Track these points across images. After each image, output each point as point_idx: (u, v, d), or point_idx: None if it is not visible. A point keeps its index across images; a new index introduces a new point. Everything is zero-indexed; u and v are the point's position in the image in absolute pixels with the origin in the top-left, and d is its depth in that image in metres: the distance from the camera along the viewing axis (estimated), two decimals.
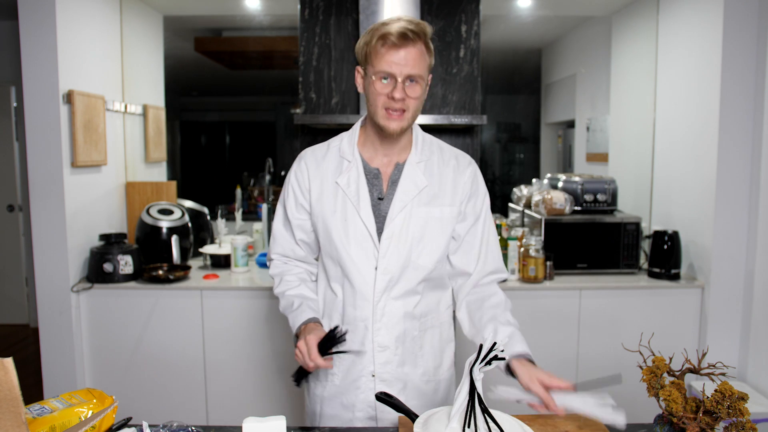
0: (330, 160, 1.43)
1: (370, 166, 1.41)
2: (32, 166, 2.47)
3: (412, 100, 1.32)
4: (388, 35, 1.27)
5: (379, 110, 1.32)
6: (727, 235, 2.54)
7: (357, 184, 1.39)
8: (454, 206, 1.42)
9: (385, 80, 1.30)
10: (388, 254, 1.37)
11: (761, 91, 2.44)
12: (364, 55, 1.34)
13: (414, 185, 1.39)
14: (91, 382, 2.60)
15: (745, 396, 0.97)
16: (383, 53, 1.28)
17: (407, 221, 1.37)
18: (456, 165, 1.45)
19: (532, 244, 2.63)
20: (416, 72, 1.29)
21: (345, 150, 1.43)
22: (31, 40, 2.41)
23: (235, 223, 3.26)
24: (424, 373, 1.46)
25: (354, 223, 1.37)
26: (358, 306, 1.39)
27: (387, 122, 1.33)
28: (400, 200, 1.37)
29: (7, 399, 0.89)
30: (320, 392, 1.47)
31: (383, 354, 1.40)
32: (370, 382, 1.41)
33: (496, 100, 4.80)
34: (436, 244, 1.40)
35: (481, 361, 1.08)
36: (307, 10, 3.00)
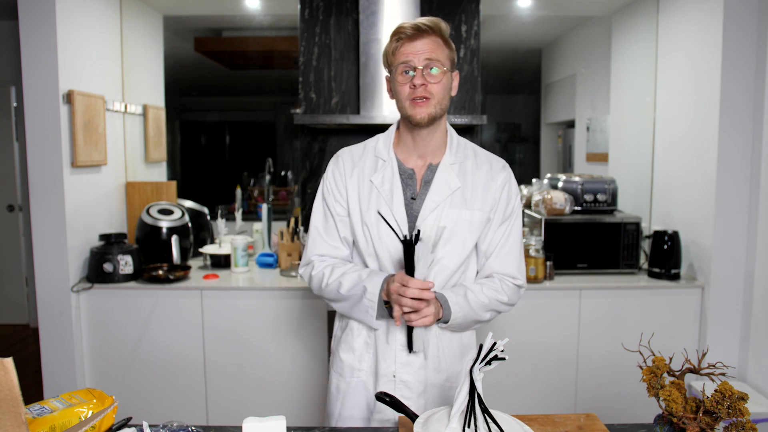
0: (366, 160, 1.45)
1: (405, 166, 1.43)
2: (32, 166, 2.47)
3: (434, 86, 1.34)
4: (402, 30, 1.33)
5: (405, 102, 1.35)
6: (727, 235, 2.54)
7: (391, 183, 1.40)
8: (484, 211, 1.42)
9: (406, 72, 1.34)
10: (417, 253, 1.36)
11: (761, 91, 2.44)
12: (386, 58, 1.39)
13: (447, 186, 1.40)
14: (91, 382, 2.60)
15: (745, 396, 0.97)
16: (399, 47, 1.34)
17: (437, 222, 1.38)
18: (489, 169, 1.45)
19: (532, 244, 2.63)
20: (434, 56, 1.33)
21: (381, 150, 1.45)
22: (31, 40, 2.41)
23: (235, 223, 3.26)
24: (447, 379, 1.46)
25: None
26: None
27: (413, 111, 1.35)
28: (433, 200, 1.39)
29: (7, 399, 0.89)
30: (344, 388, 1.47)
31: (404, 354, 1.41)
32: (391, 383, 1.41)
33: (496, 100, 4.80)
34: (462, 247, 1.41)
35: (480, 362, 1.08)
36: (307, 10, 3.00)
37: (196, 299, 2.56)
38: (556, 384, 2.64)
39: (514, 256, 1.45)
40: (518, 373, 2.61)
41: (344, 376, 1.47)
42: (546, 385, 2.64)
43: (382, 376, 1.42)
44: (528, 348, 2.61)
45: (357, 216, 1.43)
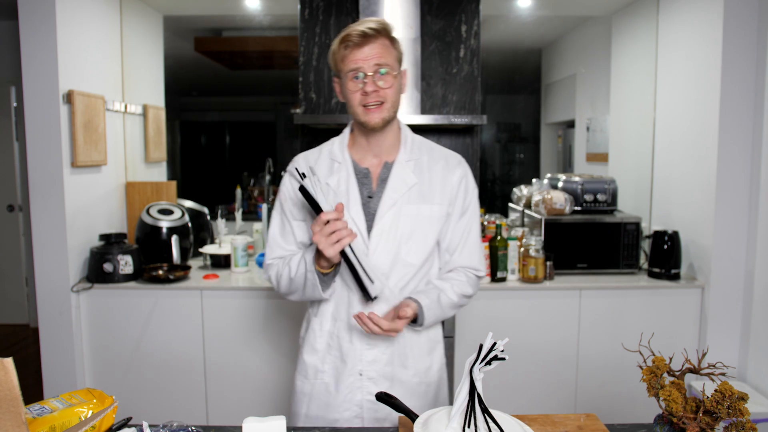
0: (322, 163, 1.45)
1: (360, 166, 1.44)
2: (32, 166, 2.47)
3: (385, 91, 1.35)
4: (348, 37, 1.32)
5: (357, 108, 1.36)
6: (727, 235, 2.54)
7: (347, 183, 1.41)
8: (443, 205, 1.43)
9: (356, 78, 1.34)
10: (377, 251, 1.38)
11: (761, 91, 2.44)
12: (334, 63, 1.38)
13: (403, 183, 1.41)
14: (91, 382, 2.60)
15: (745, 396, 0.97)
16: (348, 54, 1.33)
17: (396, 218, 1.39)
18: (445, 164, 1.46)
19: (532, 244, 2.63)
20: (383, 61, 1.33)
21: (335, 152, 1.46)
22: (31, 40, 2.41)
23: (235, 223, 3.26)
24: (415, 374, 1.46)
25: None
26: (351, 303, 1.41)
27: (366, 117, 1.35)
28: (390, 197, 1.39)
29: (7, 399, 0.89)
30: (309, 390, 1.47)
31: (371, 352, 1.41)
32: (357, 381, 1.42)
33: (496, 100, 4.81)
34: (425, 242, 1.42)
35: (481, 361, 1.08)
36: (307, 10, 3.00)
37: (196, 299, 2.56)
38: (556, 384, 2.64)
39: (476, 248, 1.47)
40: (518, 373, 2.61)
41: (308, 377, 1.48)
42: (546, 385, 2.64)
43: (348, 376, 1.42)
44: (528, 348, 2.61)
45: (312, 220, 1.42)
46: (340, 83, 1.40)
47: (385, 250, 1.38)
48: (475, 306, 2.58)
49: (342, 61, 1.35)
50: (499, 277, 2.61)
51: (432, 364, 1.50)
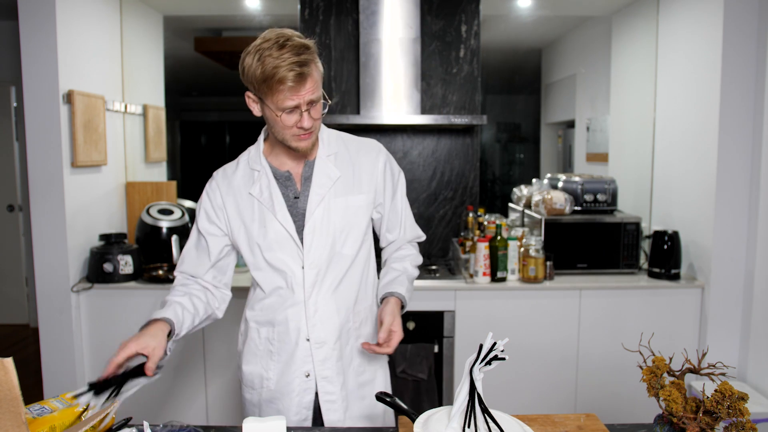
0: (240, 175, 1.44)
1: (280, 170, 1.43)
2: (32, 166, 2.47)
3: (317, 121, 1.34)
4: (284, 80, 1.24)
5: (289, 137, 1.33)
6: (727, 235, 2.54)
7: (269, 189, 1.40)
8: (371, 193, 1.46)
9: (289, 112, 1.29)
10: (312, 249, 1.38)
11: (761, 91, 2.44)
12: (257, 87, 1.29)
13: (327, 177, 1.41)
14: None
15: (745, 396, 0.97)
16: (282, 94, 1.26)
17: (327, 213, 1.40)
18: (366, 153, 1.48)
19: (532, 244, 2.63)
20: (316, 96, 1.30)
21: (252, 161, 1.44)
22: (31, 40, 2.41)
23: None
24: (360, 364, 1.48)
25: (272, 227, 1.38)
26: (290, 305, 1.41)
27: (299, 144, 1.34)
28: (316, 194, 1.39)
29: (7, 399, 0.89)
30: (257, 399, 1.47)
31: (321, 350, 1.41)
32: (304, 383, 1.42)
33: (496, 100, 4.81)
34: (358, 232, 1.44)
35: (481, 361, 1.08)
36: (307, 10, 3.00)
37: None
38: (556, 384, 2.64)
39: (412, 220, 1.56)
40: (518, 373, 2.61)
41: (255, 387, 1.47)
42: (546, 385, 2.64)
43: (295, 378, 1.41)
44: (528, 348, 2.61)
45: (241, 232, 1.41)
46: (258, 101, 1.33)
47: (320, 246, 1.39)
48: (475, 306, 2.58)
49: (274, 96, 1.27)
50: (499, 277, 2.61)
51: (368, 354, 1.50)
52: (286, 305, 1.41)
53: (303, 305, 1.40)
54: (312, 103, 1.30)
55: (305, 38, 1.29)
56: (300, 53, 1.25)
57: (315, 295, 1.40)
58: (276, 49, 1.24)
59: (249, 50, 1.30)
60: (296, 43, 1.25)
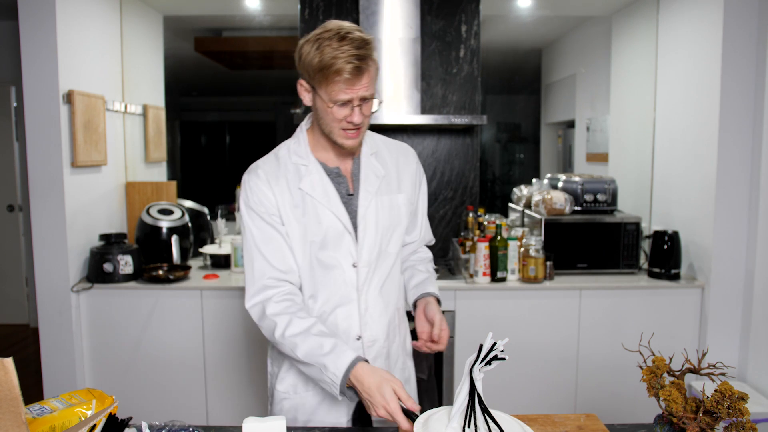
0: (287, 169, 1.38)
1: (329, 166, 1.40)
2: (32, 166, 2.47)
3: (367, 118, 1.33)
4: (341, 71, 1.22)
5: (336, 131, 1.31)
6: (727, 235, 2.54)
7: (322, 185, 1.37)
8: (407, 193, 1.47)
9: (341, 105, 1.27)
10: (365, 246, 1.38)
11: (761, 91, 2.44)
12: (312, 76, 1.27)
13: (375, 176, 1.41)
14: (91, 382, 2.60)
15: (745, 396, 0.97)
16: (337, 86, 1.25)
17: (376, 212, 1.39)
18: (403, 154, 1.51)
19: (532, 244, 2.63)
20: (370, 92, 1.29)
21: (299, 156, 1.39)
22: (31, 40, 2.41)
23: (235, 223, 3.26)
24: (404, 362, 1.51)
25: (328, 222, 1.35)
26: (341, 304, 1.38)
27: (345, 141, 1.33)
28: (366, 191, 1.39)
29: (7, 399, 0.89)
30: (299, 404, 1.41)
31: (372, 349, 1.40)
32: None
33: (496, 100, 4.80)
34: (401, 230, 1.45)
35: (481, 362, 1.08)
36: (307, 10, 3.00)
37: (196, 299, 2.56)
38: (556, 384, 2.64)
39: (428, 222, 1.59)
40: (518, 373, 2.61)
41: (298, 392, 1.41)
42: (546, 385, 2.64)
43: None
44: (528, 348, 2.61)
45: (294, 228, 1.34)
46: (311, 91, 1.31)
47: (371, 243, 1.38)
48: (475, 306, 2.58)
49: (328, 87, 1.25)
50: (499, 277, 2.61)
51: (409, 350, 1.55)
52: (336, 304, 1.38)
53: (356, 303, 1.38)
54: (365, 99, 1.29)
55: (366, 34, 1.28)
56: (360, 47, 1.24)
57: (366, 293, 1.39)
58: (336, 41, 1.23)
59: (308, 38, 1.27)
60: (357, 36, 1.24)
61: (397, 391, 1.18)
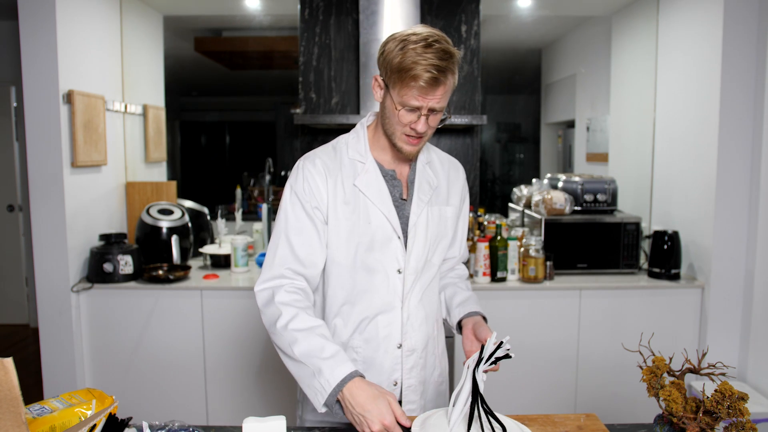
0: (341, 163, 1.36)
1: (385, 168, 1.38)
2: (32, 166, 2.47)
3: (431, 129, 1.31)
4: (418, 78, 1.20)
5: (398, 134, 1.29)
6: (727, 235, 2.54)
7: (377, 185, 1.34)
8: (456, 206, 1.46)
9: (409, 110, 1.25)
10: (413, 253, 1.35)
11: (761, 91, 2.44)
12: (389, 75, 1.25)
13: (428, 185, 1.40)
14: (91, 382, 2.60)
15: (745, 396, 0.97)
16: (411, 91, 1.22)
17: (426, 221, 1.38)
18: (451, 167, 1.50)
19: (532, 244, 2.63)
20: (441, 105, 1.26)
21: (357, 152, 1.37)
22: (31, 40, 2.41)
23: (235, 223, 3.26)
24: (440, 374, 1.48)
25: (378, 223, 1.32)
26: (383, 311, 1.34)
27: (405, 146, 1.31)
28: (420, 200, 1.38)
29: (7, 399, 0.89)
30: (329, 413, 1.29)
31: (411, 358, 1.38)
32: (394, 391, 1.38)
33: (496, 100, 4.81)
34: (445, 242, 1.44)
35: (486, 362, 1.08)
36: (307, 10, 3.00)
37: (196, 299, 2.56)
38: (556, 384, 2.64)
39: (465, 240, 1.57)
40: (518, 373, 2.61)
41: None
42: (546, 385, 2.64)
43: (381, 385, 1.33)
44: (528, 348, 2.61)
45: (341, 225, 1.31)
46: (383, 88, 1.29)
47: (419, 251, 1.36)
48: None
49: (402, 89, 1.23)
50: (499, 277, 2.61)
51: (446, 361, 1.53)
52: (378, 311, 1.34)
53: (399, 311, 1.35)
54: (434, 111, 1.26)
55: (453, 46, 1.25)
56: (443, 59, 1.21)
57: (408, 301, 1.36)
58: (422, 47, 1.20)
59: (395, 36, 1.25)
60: (443, 47, 1.21)
61: (392, 404, 1.14)
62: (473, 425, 1.05)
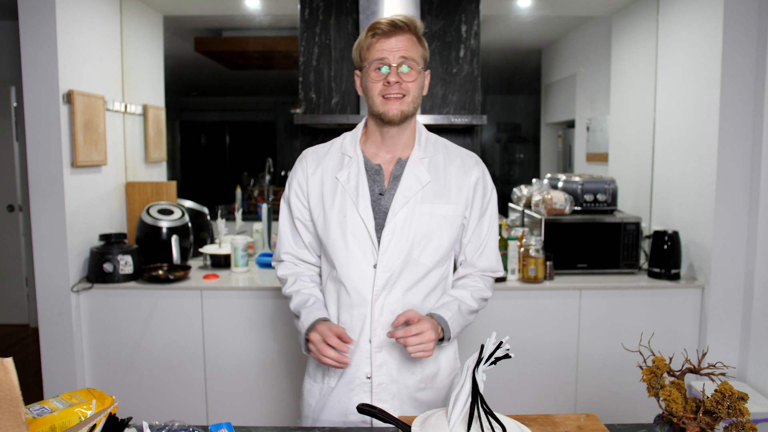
0: (331, 157, 1.43)
1: (372, 162, 1.40)
2: (32, 166, 2.47)
3: (408, 84, 1.33)
4: (377, 25, 1.32)
5: (377, 98, 1.33)
6: (727, 235, 2.54)
7: (357, 179, 1.37)
8: (460, 205, 1.40)
9: (379, 69, 1.32)
10: (388, 251, 1.34)
11: (761, 91, 2.44)
12: (358, 54, 1.37)
13: (417, 180, 1.37)
14: (91, 382, 2.60)
15: (745, 396, 0.97)
16: (374, 43, 1.32)
17: (410, 217, 1.35)
18: (461, 164, 1.43)
19: (532, 244, 2.63)
20: (409, 55, 1.32)
21: (347, 146, 1.42)
22: (31, 40, 2.41)
23: (235, 223, 3.26)
24: (421, 380, 1.43)
25: (352, 219, 1.35)
26: (356, 304, 1.37)
27: (385, 108, 1.33)
28: (402, 195, 1.35)
29: (7, 399, 0.89)
30: (317, 392, 1.45)
31: (380, 355, 1.37)
32: (366, 385, 1.38)
33: (496, 100, 4.81)
34: (440, 243, 1.38)
35: (485, 362, 1.08)
36: (307, 10, 3.00)
37: (196, 299, 2.56)
38: (556, 384, 2.64)
39: (494, 250, 1.47)
40: (518, 373, 2.61)
41: (317, 380, 1.46)
42: (546, 385, 2.64)
43: (354, 379, 1.38)
44: (528, 348, 2.61)
45: (320, 215, 1.40)
46: (361, 75, 1.38)
47: (396, 249, 1.34)
48: None
49: (368, 50, 1.33)
50: (499, 277, 2.61)
51: (440, 370, 1.46)
52: (352, 303, 1.37)
53: (369, 306, 1.36)
54: (404, 64, 1.31)
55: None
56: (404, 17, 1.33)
57: (383, 299, 1.36)
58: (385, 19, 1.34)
59: None
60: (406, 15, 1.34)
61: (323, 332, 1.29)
62: (473, 425, 1.05)
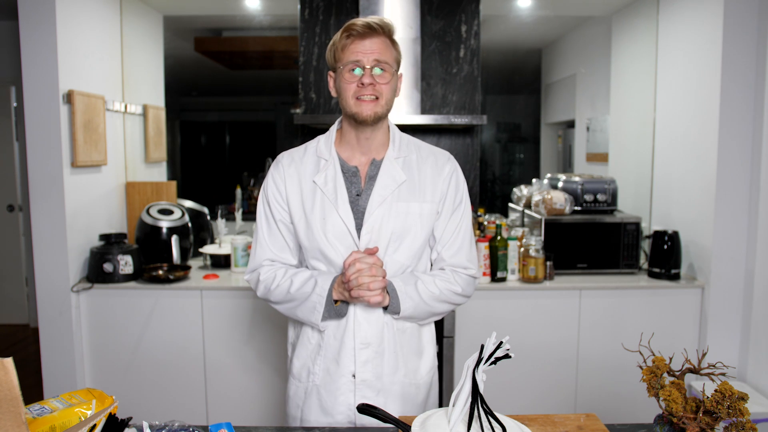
0: (307, 161, 1.44)
1: (348, 164, 1.42)
2: (32, 166, 2.47)
3: (382, 86, 1.34)
4: (352, 27, 1.32)
5: (350, 99, 1.35)
6: (727, 235, 2.54)
7: (334, 181, 1.39)
8: (434, 203, 1.42)
9: (353, 71, 1.34)
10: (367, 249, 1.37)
11: (761, 91, 2.44)
12: (332, 55, 1.38)
13: (392, 180, 1.40)
14: (91, 382, 2.60)
15: (745, 396, 0.97)
16: (348, 45, 1.33)
17: (386, 216, 1.38)
18: (435, 162, 1.46)
19: (532, 244, 2.63)
20: (382, 58, 1.33)
21: (322, 150, 1.44)
22: (31, 40, 2.41)
23: (235, 223, 3.26)
24: (405, 375, 1.44)
25: (332, 220, 1.37)
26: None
27: (359, 108, 1.34)
28: (379, 195, 1.38)
29: (7, 399, 0.89)
30: (302, 392, 1.45)
31: (365, 352, 1.39)
32: (350, 384, 1.39)
33: (496, 100, 4.80)
34: (414, 240, 1.40)
35: (485, 362, 1.07)
36: (307, 10, 3.00)
37: (196, 299, 2.56)
38: (556, 384, 2.64)
39: (465, 246, 1.45)
40: (518, 373, 2.61)
41: (301, 380, 1.46)
42: (546, 385, 2.64)
43: (340, 377, 1.39)
44: (528, 348, 2.61)
45: (301, 219, 1.40)
46: (334, 77, 1.40)
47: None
48: (475, 306, 2.58)
49: (342, 51, 1.34)
50: (499, 277, 2.61)
51: (420, 365, 1.47)
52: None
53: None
54: (378, 66, 1.33)
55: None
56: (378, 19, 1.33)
57: None
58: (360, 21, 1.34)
59: None
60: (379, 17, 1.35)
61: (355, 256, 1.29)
62: (473, 425, 1.05)
